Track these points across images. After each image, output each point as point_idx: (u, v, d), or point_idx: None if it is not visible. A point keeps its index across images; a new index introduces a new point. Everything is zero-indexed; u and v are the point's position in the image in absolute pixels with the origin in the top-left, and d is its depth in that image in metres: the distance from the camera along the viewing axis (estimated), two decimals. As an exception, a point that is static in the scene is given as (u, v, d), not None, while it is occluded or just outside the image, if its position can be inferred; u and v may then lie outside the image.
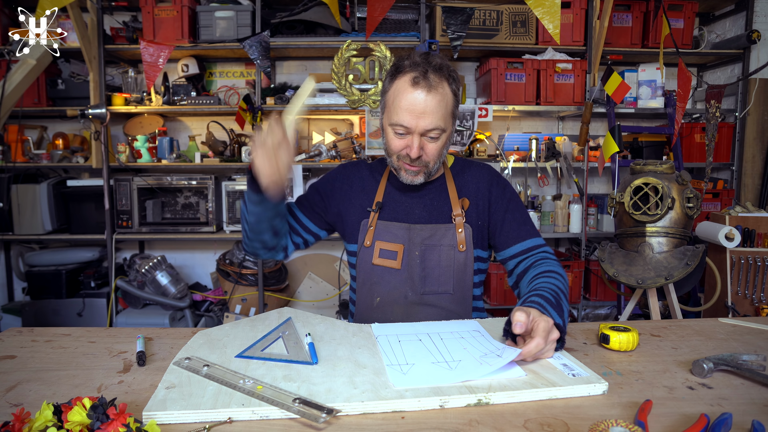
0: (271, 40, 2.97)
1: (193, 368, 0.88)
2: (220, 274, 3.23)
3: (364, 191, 1.36)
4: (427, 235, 1.29)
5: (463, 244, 1.28)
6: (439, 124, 1.18)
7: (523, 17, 3.08)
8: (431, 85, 1.16)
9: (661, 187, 2.11)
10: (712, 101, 2.95)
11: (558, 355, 0.93)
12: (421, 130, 1.18)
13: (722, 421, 0.70)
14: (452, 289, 1.29)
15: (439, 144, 1.22)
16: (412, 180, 1.26)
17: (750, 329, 1.15)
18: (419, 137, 1.19)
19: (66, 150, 3.23)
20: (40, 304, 3.09)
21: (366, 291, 1.34)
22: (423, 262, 1.29)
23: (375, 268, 1.31)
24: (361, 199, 1.35)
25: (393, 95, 1.21)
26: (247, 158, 3.12)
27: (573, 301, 3.25)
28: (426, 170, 1.25)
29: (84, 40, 2.86)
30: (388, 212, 1.32)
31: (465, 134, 3.09)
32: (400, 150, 1.23)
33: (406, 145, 1.21)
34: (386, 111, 1.25)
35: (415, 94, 1.16)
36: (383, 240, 1.30)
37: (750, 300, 2.55)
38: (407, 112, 1.17)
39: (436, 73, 1.17)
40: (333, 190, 1.38)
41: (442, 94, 1.18)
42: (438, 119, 1.18)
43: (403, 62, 1.20)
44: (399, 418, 0.74)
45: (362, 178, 1.38)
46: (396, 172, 1.29)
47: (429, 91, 1.16)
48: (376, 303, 1.32)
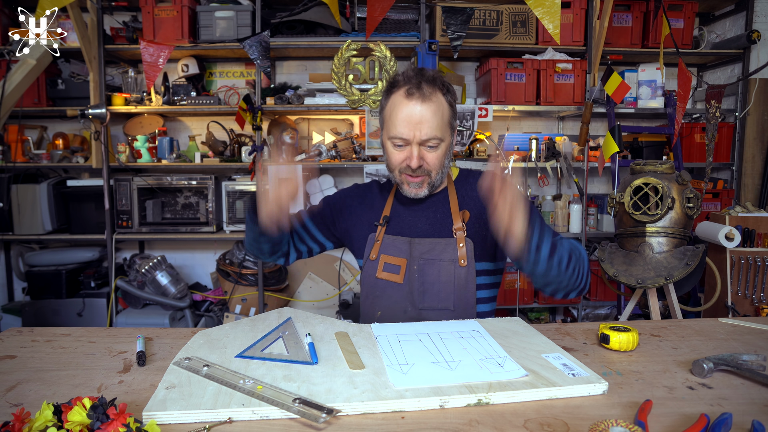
0: (271, 40, 2.97)
1: (193, 368, 0.88)
2: (220, 274, 3.23)
3: (372, 208, 1.38)
4: (426, 249, 1.27)
5: (464, 258, 1.25)
6: (436, 134, 1.20)
7: (523, 17, 3.08)
8: (425, 96, 1.19)
9: (661, 187, 2.11)
10: (712, 101, 2.95)
11: (558, 355, 0.93)
12: (418, 140, 1.19)
13: (722, 421, 0.70)
14: (453, 305, 1.26)
15: (438, 153, 1.23)
16: (416, 193, 1.26)
17: (750, 329, 1.15)
18: (418, 147, 1.21)
19: (66, 150, 3.23)
20: (40, 304, 3.08)
21: (369, 304, 1.34)
22: (421, 276, 1.26)
23: (378, 281, 1.31)
24: (369, 215, 1.37)
25: (389, 110, 1.23)
26: (247, 158, 3.12)
27: (573, 301, 3.25)
28: (429, 181, 1.25)
29: (84, 40, 2.86)
30: (393, 226, 1.33)
31: (465, 134, 3.09)
32: (401, 163, 1.24)
33: (406, 156, 1.22)
34: (385, 127, 1.27)
35: (410, 106, 1.19)
36: (388, 254, 1.30)
37: (750, 300, 2.55)
38: (404, 123, 1.19)
39: (430, 84, 1.20)
40: (344, 206, 1.41)
41: (437, 104, 1.20)
42: (434, 128, 1.19)
43: (397, 78, 1.24)
44: (399, 418, 0.75)
45: (372, 196, 1.41)
46: (400, 187, 1.29)
47: (423, 101, 1.18)
48: (377, 316, 1.31)
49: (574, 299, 3.24)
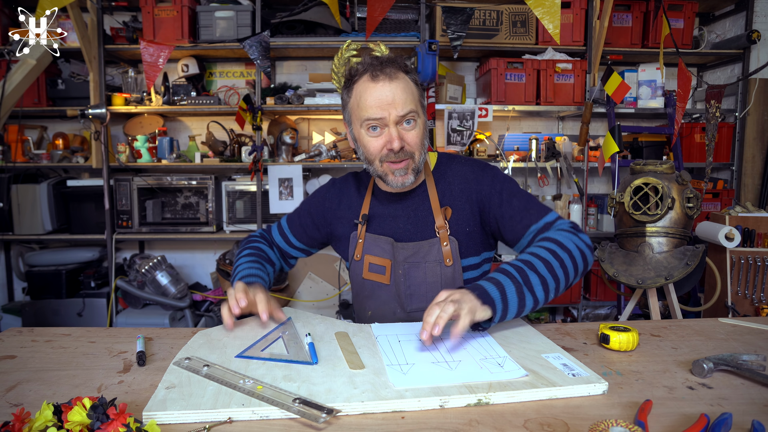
0: (271, 40, 2.97)
1: (193, 368, 0.88)
2: (220, 274, 3.23)
3: (351, 207, 1.34)
4: (410, 253, 1.24)
5: (450, 257, 1.21)
6: (411, 107, 1.15)
7: (523, 17, 3.08)
8: (391, 76, 1.14)
9: (661, 187, 2.11)
10: (712, 101, 2.95)
11: (558, 355, 0.93)
12: (395, 118, 1.14)
13: (722, 421, 0.69)
14: None
15: (418, 131, 1.17)
16: (402, 182, 1.19)
17: (750, 329, 1.15)
18: (395, 127, 1.15)
19: (66, 150, 3.23)
20: (40, 304, 3.09)
21: (359, 304, 1.34)
22: (407, 280, 1.24)
23: (366, 282, 1.30)
24: (348, 214, 1.34)
25: (356, 100, 1.18)
26: (247, 158, 3.12)
27: (573, 301, 3.25)
28: (413, 165, 1.19)
29: (84, 40, 2.86)
30: (375, 225, 1.29)
31: (465, 134, 3.10)
32: (380, 150, 1.17)
33: (385, 141, 1.15)
34: (354, 118, 1.20)
35: (378, 87, 1.14)
36: (372, 254, 1.28)
37: (750, 300, 2.55)
38: (375, 105, 1.13)
39: (391, 65, 1.16)
40: (324, 210, 1.37)
41: (405, 81, 1.16)
42: (408, 103, 1.15)
43: (355, 68, 1.19)
44: (399, 418, 0.74)
45: (350, 194, 1.36)
46: (383, 179, 1.21)
47: (391, 80, 1.14)
48: (368, 316, 1.31)
49: (574, 299, 3.24)
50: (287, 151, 3.23)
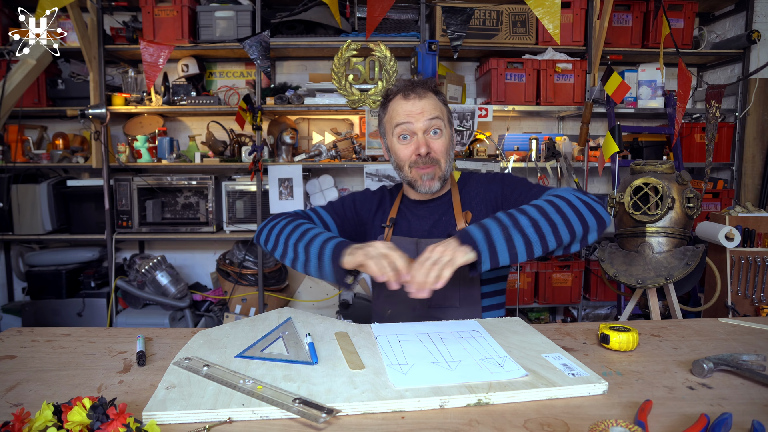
0: (271, 40, 2.97)
1: (193, 368, 0.88)
2: (220, 274, 3.23)
3: (384, 214, 1.44)
4: None
5: None
6: (438, 114, 1.28)
7: (523, 17, 3.08)
8: (421, 95, 1.29)
9: (661, 187, 2.11)
10: (712, 101, 2.95)
11: (558, 355, 0.93)
12: (423, 127, 1.27)
13: (722, 421, 0.69)
14: (458, 302, 1.29)
15: (443, 141, 1.30)
16: (429, 186, 1.30)
17: (750, 329, 1.15)
18: (423, 135, 1.28)
19: (66, 150, 3.23)
20: (40, 304, 3.09)
21: (380, 304, 1.38)
22: None
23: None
24: (379, 219, 1.43)
25: (390, 115, 1.32)
26: (247, 158, 3.12)
27: (573, 301, 3.25)
28: (440, 173, 1.30)
29: (84, 40, 2.86)
30: (400, 228, 1.38)
31: (465, 134, 3.10)
32: (410, 156, 1.29)
33: (414, 148, 1.28)
34: (387, 131, 1.35)
35: (410, 103, 1.28)
36: None
37: (750, 300, 2.55)
38: (405, 115, 1.28)
39: (422, 86, 1.31)
40: (366, 209, 1.45)
41: (433, 99, 1.31)
42: (435, 114, 1.28)
43: (391, 89, 1.35)
44: (399, 418, 0.74)
45: (382, 201, 1.46)
46: (412, 185, 1.33)
47: (420, 98, 1.29)
48: (387, 315, 1.34)
49: (574, 299, 3.24)
50: (287, 151, 3.23)
